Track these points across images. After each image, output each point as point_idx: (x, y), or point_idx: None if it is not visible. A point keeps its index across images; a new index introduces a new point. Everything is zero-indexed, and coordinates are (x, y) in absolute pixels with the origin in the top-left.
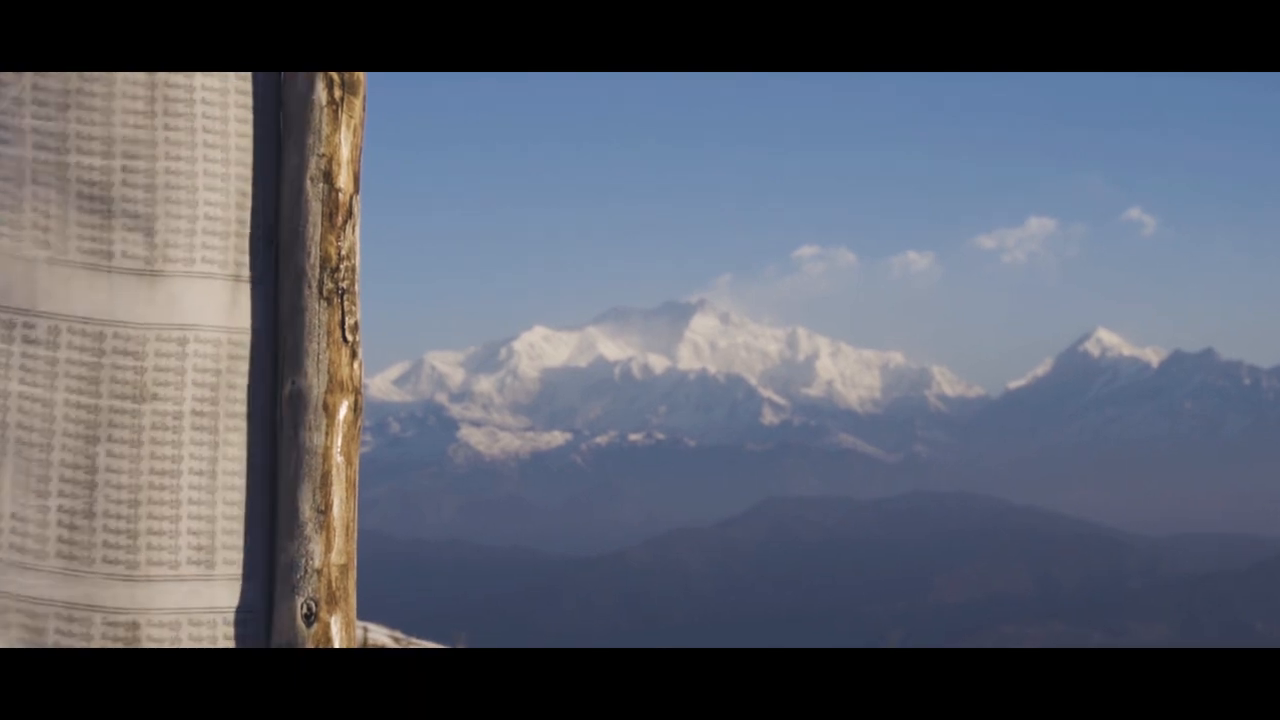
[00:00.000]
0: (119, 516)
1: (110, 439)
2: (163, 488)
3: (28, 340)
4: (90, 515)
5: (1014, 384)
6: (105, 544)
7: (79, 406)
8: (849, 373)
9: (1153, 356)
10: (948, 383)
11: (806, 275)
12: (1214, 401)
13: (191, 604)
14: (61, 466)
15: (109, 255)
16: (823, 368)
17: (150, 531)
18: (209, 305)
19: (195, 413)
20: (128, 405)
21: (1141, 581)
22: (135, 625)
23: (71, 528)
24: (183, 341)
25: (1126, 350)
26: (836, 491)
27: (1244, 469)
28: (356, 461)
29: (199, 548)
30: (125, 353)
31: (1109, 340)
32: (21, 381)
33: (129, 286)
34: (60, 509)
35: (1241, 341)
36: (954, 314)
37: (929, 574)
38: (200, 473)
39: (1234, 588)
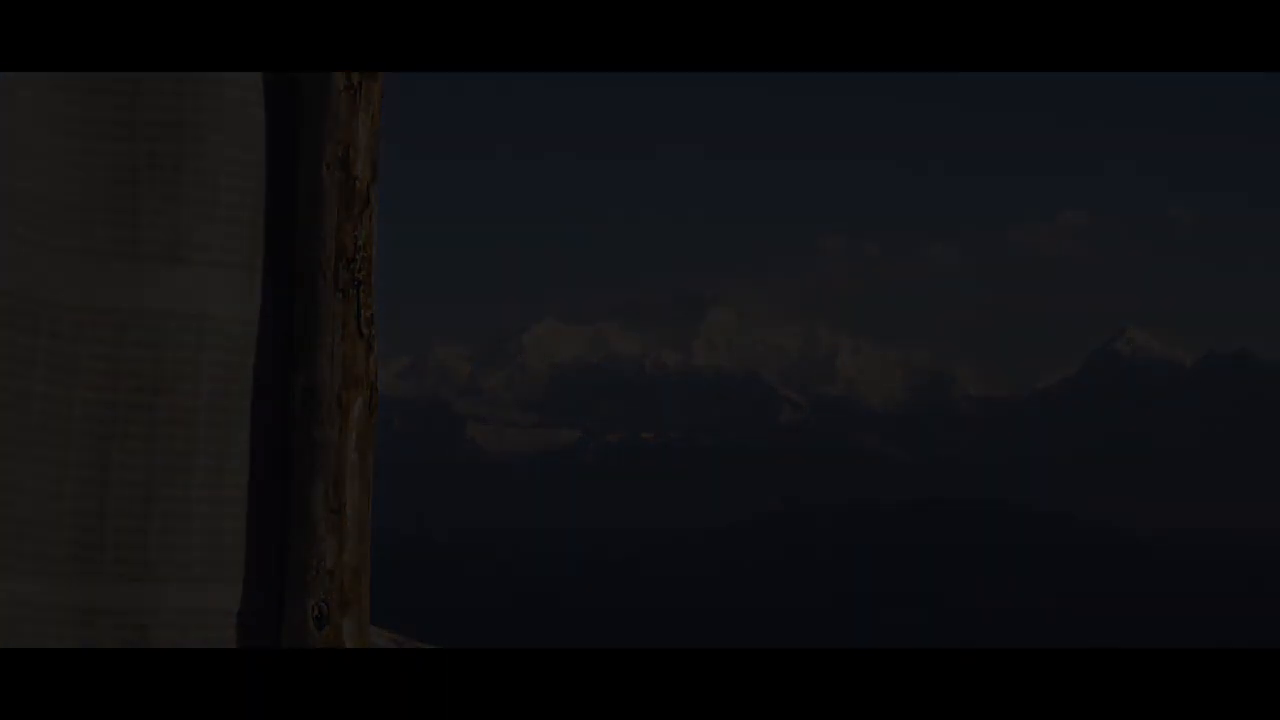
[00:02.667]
0: (130, 515)
1: (125, 434)
2: (173, 484)
3: (53, 335)
4: (101, 515)
5: (1042, 384)
6: (116, 544)
7: (96, 403)
8: (870, 371)
9: (1186, 357)
10: (973, 382)
11: (828, 268)
12: (1250, 404)
13: (201, 605)
14: (75, 466)
15: (135, 242)
16: (843, 365)
17: (161, 530)
18: (226, 295)
19: (209, 407)
20: (144, 399)
21: (1174, 592)
22: (144, 628)
23: (83, 529)
24: (200, 333)
25: (1159, 350)
26: (856, 495)
27: None
28: (371, 459)
29: (209, 547)
30: (144, 344)
31: (1141, 339)
32: (43, 380)
33: (153, 274)
34: (74, 511)
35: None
36: (980, 310)
37: (952, 581)
38: (210, 469)
39: (1274, 599)
